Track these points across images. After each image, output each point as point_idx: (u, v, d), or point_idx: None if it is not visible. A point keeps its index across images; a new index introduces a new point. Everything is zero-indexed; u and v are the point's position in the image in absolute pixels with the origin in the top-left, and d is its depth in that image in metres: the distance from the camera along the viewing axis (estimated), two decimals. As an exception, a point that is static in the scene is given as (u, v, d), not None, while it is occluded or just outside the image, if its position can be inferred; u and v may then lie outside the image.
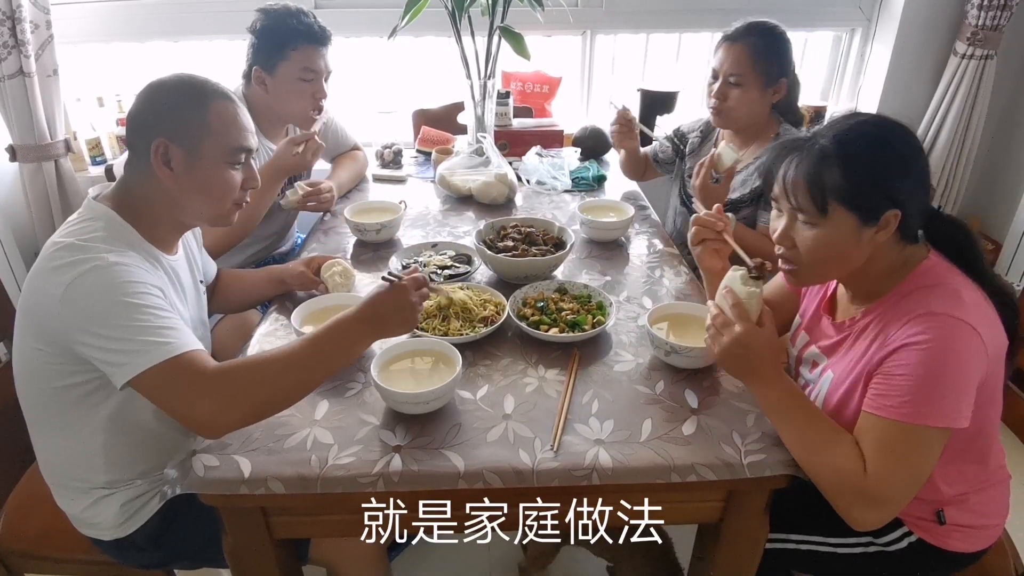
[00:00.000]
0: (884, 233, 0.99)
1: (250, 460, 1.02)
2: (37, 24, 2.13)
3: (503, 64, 2.50)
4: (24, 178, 2.28)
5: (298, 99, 1.75)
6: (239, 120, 1.13)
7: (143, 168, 1.09)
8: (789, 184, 1.02)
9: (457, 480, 1.01)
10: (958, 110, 2.57)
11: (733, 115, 1.72)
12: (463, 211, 1.98)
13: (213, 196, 1.14)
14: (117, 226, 1.08)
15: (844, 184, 0.97)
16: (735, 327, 1.02)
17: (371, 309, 1.06)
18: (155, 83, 1.11)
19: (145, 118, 1.09)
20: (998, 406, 1.07)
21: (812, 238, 1.02)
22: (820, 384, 1.13)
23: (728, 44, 1.68)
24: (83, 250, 1.00)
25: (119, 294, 0.96)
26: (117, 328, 0.95)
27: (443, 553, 1.86)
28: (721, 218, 1.25)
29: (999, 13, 2.39)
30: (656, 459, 1.03)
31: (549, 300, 1.41)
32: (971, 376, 0.95)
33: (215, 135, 1.10)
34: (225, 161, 1.12)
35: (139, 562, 1.26)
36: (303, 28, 1.69)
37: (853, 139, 0.98)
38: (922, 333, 0.95)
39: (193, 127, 1.08)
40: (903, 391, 0.94)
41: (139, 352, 0.94)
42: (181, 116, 1.08)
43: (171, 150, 1.07)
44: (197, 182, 1.11)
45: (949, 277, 1.02)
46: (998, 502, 1.15)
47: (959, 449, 1.05)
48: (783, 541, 1.20)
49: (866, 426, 0.98)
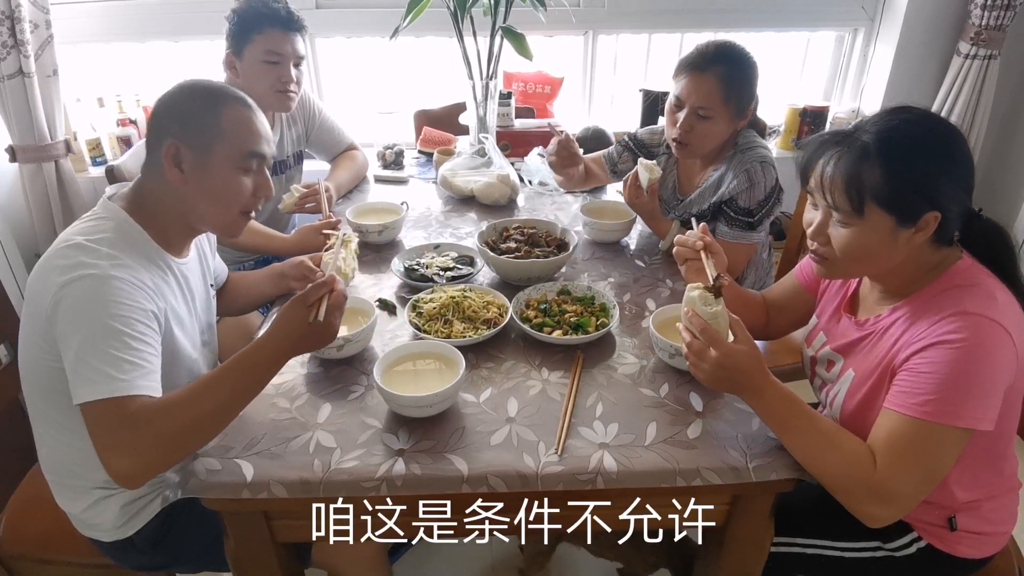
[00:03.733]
0: (922, 235, 0.97)
1: (252, 464, 1.01)
2: (36, 24, 2.13)
3: (505, 64, 2.49)
4: (24, 179, 2.28)
5: (264, 82, 1.77)
6: (253, 125, 1.13)
7: (157, 170, 1.09)
8: (827, 181, 0.99)
9: (461, 484, 1.00)
10: (961, 110, 2.57)
11: (698, 148, 1.60)
12: (465, 212, 1.97)
13: (222, 200, 1.13)
14: (127, 228, 1.08)
15: (883, 185, 0.94)
16: (711, 352, 1.00)
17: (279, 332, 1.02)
18: (173, 87, 1.11)
19: (160, 120, 1.09)
20: (1018, 413, 1.05)
21: (846, 236, 1.00)
22: (840, 383, 1.12)
23: (696, 75, 1.52)
24: (86, 252, 1.00)
25: (102, 313, 0.95)
26: (85, 347, 0.94)
27: (444, 554, 1.86)
28: (702, 236, 1.22)
29: (1003, 13, 2.39)
30: (661, 463, 1.02)
31: (552, 302, 1.40)
32: (1000, 378, 0.93)
33: (227, 138, 1.09)
34: (236, 166, 1.12)
35: (139, 564, 1.25)
36: (268, 12, 1.73)
37: (897, 137, 0.95)
38: (955, 332, 0.93)
39: (205, 129, 1.08)
40: (929, 389, 0.93)
41: (90, 380, 0.93)
42: (194, 118, 1.08)
43: (182, 151, 1.07)
44: (206, 185, 1.10)
45: (983, 279, 1.00)
46: (1009, 510, 1.14)
47: (978, 453, 1.03)
48: (789, 545, 1.19)
49: (884, 422, 0.97)
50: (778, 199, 1.61)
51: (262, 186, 1.17)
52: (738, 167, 1.57)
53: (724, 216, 1.62)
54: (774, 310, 1.38)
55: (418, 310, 1.36)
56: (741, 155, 1.59)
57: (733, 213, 1.60)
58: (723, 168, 1.62)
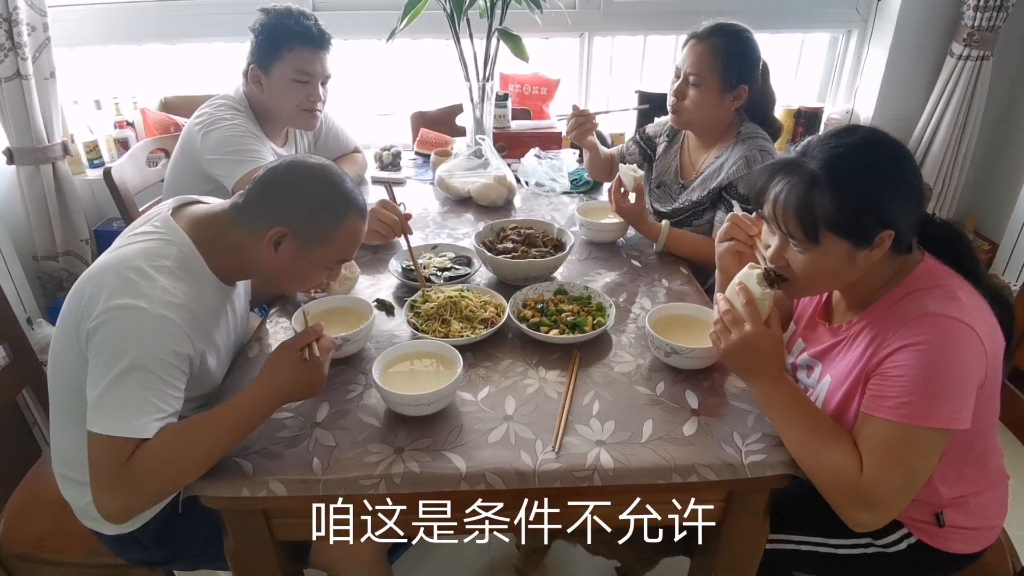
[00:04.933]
0: (879, 251, 0.99)
1: (252, 462, 1.02)
2: (34, 26, 2.13)
3: (501, 66, 2.50)
4: (21, 181, 2.28)
5: (291, 100, 1.75)
6: (359, 237, 1.15)
7: (250, 229, 1.08)
8: (779, 211, 1.01)
9: (459, 482, 1.01)
10: (954, 111, 2.59)
11: (687, 116, 1.66)
12: (462, 213, 1.98)
13: (296, 284, 1.22)
14: (190, 257, 1.08)
15: (835, 212, 0.96)
16: (745, 325, 1.02)
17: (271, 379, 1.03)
18: (310, 168, 1.10)
19: (284, 197, 1.08)
20: (996, 407, 1.07)
21: (804, 262, 1.02)
22: (819, 388, 1.14)
23: (693, 42, 1.61)
24: (145, 279, 1.00)
25: (141, 351, 0.96)
26: (115, 380, 0.95)
27: (442, 554, 1.86)
28: (756, 223, 1.21)
29: (995, 14, 2.41)
30: (657, 460, 1.03)
31: (549, 302, 1.41)
32: (971, 377, 0.95)
33: (335, 247, 1.12)
34: (328, 266, 1.16)
35: (140, 559, 1.26)
36: (300, 30, 1.69)
37: (843, 166, 0.96)
38: (920, 334, 0.95)
39: (321, 232, 1.09)
40: (901, 392, 0.95)
41: (109, 415, 0.94)
42: (317, 220, 1.08)
43: (288, 239, 1.07)
44: (294, 271, 1.13)
45: (945, 279, 1.02)
46: (997, 503, 1.15)
47: (959, 451, 1.05)
48: (783, 541, 1.21)
49: (863, 427, 0.99)
50: None
51: (332, 277, 1.22)
52: (738, 154, 1.61)
53: (724, 203, 1.64)
54: None
55: (416, 310, 1.37)
56: (742, 143, 1.63)
57: (733, 200, 1.62)
58: (725, 155, 1.65)
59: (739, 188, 1.60)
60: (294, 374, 1.03)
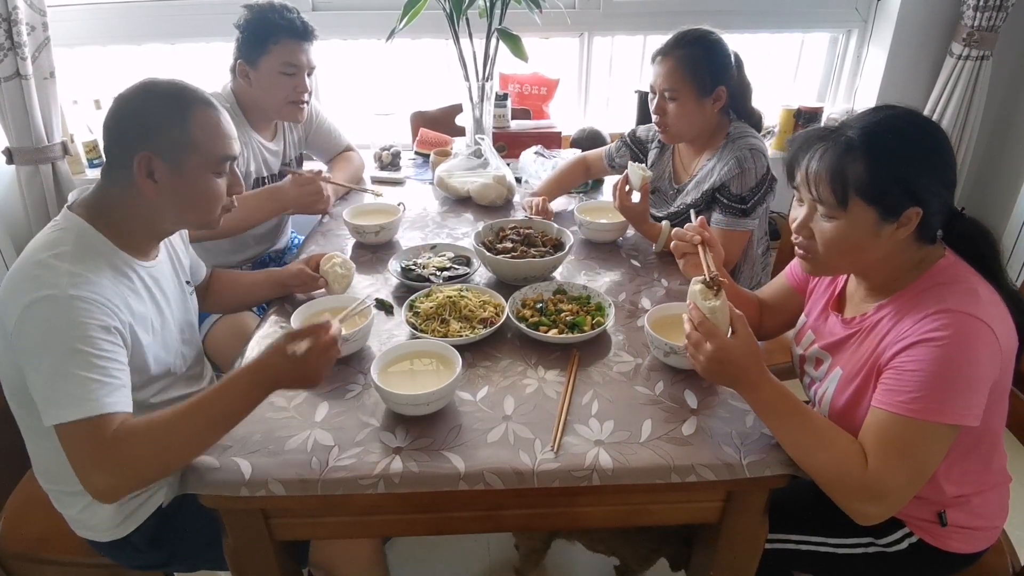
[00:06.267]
0: (904, 230, 0.99)
1: (250, 462, 1.02)
2: (33, 26, 2.13)
3: (501, 66, 2.50)
4: (21, 181, 2.28)
5: (279, 93, 1.77)
6: (221, 128, 1.12)
7: (122, 179, 1.07)
8: (811, 175, 1.01)
9: (458, 481, 1.01)
10: (954, 111, 2.58)
11: (675, 131, 1.68)
12: (461, 213, 1.98)
13: (200, 206, 1.14)
14: (89, 237, 1.07)
15: (867, 178, 0.96)
16: (706, 344, 1.01)
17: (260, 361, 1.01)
18: (131, 93, 1.08)
19: (125, 130, 1.07)
20: (1005, 408, 1.07)
21: (830, 230, 1.02)
22: (828, 381, 1.13)
23: (660, 59, 1.64)
24: (47, 269, 0.99)
25: (64, 336, 0.95)
26: (51, 371, 0.94)
27: (442, 553, 1.87)
28: (699, 231, 1.24)
29: (994, 14, 2.40)
30: (656, 459, 1.03)
31: (548, 301, 1.41)
32: (985, 374, 0.94)
33: (199, 147, 1.09)
34: (211, 172, 1.12)
35: (137, 563, 1.26)
36: (284, 23, 1.72)
37: (881, 133, 0.97)
38: (938, 330, 0.94)
39: (176, 140, 1.07)
40: (915, 387, 0.94)
41: (59, 404, 0.93)
42: (163, 129, 1.07)
43: (155, 163, 1.06)
44: (183, 194, 1.11)
45: (966, 276, 1.02)
46: (998, 504, 1.15)
47: (965, 449, 1.05)
48: (783, 541, 1.20)
49: (872, 421, 0.98)
50: (771, 187, 1.64)
51: (235, 184, 1.19)
52: (729, 155, 1.62)
53: (718, 204, 1.65)
54: (765, 310, 1.39)
55: (415, 310, 1.37)
56: (732, 144, 1.64)
57: (726, 200, 1.63)
58: (716, 157, 1.67)
59: (731, 188, 1.61)
60: (283, 364, 1.00)
